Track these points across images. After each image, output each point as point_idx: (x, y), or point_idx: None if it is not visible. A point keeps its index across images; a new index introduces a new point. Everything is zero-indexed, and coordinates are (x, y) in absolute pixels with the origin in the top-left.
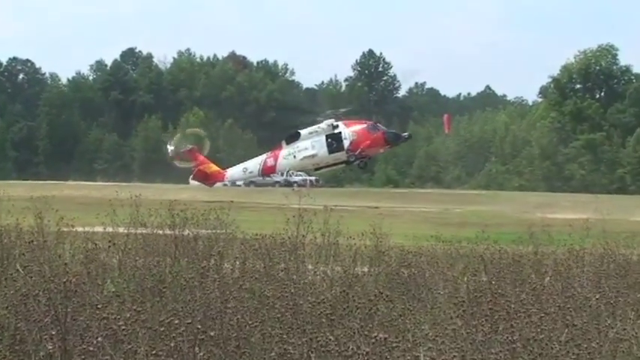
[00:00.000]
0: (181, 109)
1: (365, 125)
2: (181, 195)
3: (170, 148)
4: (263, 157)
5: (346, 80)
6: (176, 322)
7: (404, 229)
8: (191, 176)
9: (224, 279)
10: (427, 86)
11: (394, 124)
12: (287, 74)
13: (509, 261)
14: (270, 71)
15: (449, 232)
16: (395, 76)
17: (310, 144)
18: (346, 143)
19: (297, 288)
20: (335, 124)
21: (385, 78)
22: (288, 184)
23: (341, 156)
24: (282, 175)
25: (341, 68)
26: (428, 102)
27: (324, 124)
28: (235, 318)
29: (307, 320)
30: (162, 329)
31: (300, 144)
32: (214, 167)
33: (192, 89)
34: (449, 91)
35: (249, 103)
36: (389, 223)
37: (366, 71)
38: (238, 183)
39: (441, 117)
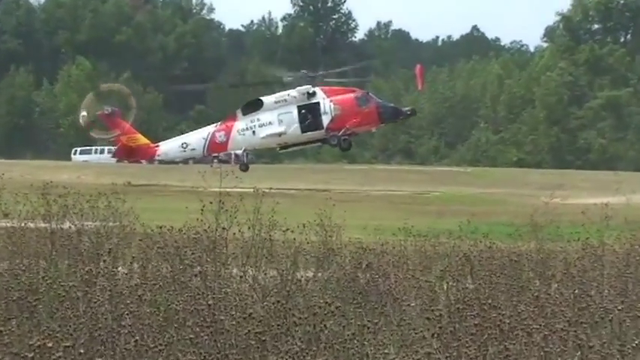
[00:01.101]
0: (60, 58)
1: (353, 95)
2: (60, 175)
3: (83, 113)
4: (209, 129)
5: (284, 19)
6: (51, 345)
7: (362, 218)
8: (112, 151)
9: (117, 287)
10: (393, 27)
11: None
12: (203, 11)
13: (504, 261)
14: (180, 8)
15: (423, 222)
16: (350, 13)
17: (276, 117)
18: (326, 118)
19: (216, 299)
20: (311, 90)
21: (337, 16)
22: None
23: (317, 135)
24: (235, 156)
25: (277, 3)
26: (394, 48)
27: (295, 91)
28: (132, 340)
29: (231, 343)
30: (31, 355)
31: (261, 116)
32: (142, 140)
33: (74, 32)
34: (422, 33)
35: (153, 50)
36: (342, 211)
37: (311, 7)
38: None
39: (412, 68)
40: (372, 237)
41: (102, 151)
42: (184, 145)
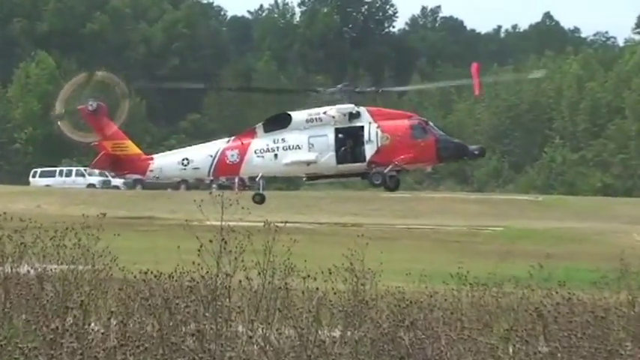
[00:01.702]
0: (15, 54)
1: (408, 122)
2: (16, 204)
3: (59, 104)
4: (219, 144)
5: (302, 4)
6: None
7: (404, 261)
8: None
9: (90, 350)
10: (442, 14)
11: (385, 80)
12: None
13: (587, 318)
14: None
15: (481, 266)
16: None
17: (307, 139)
18: (370, 148)
19: None
20: (355, 110)
21: (370, 0)
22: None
23: (356, 168)
24: (240, 179)
25: None
26: (445, 42)
27: (334, 110)
28: None
29: None
30: None
31: (288, 136)
32: (132, 148)
33: (33, 20)
34: (480, 23)
35: (134, 43)
36: (378, 251)
37: None
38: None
39: (467, 67)
40: (417, 285)
41: (69, 173)
42: (185, 162)
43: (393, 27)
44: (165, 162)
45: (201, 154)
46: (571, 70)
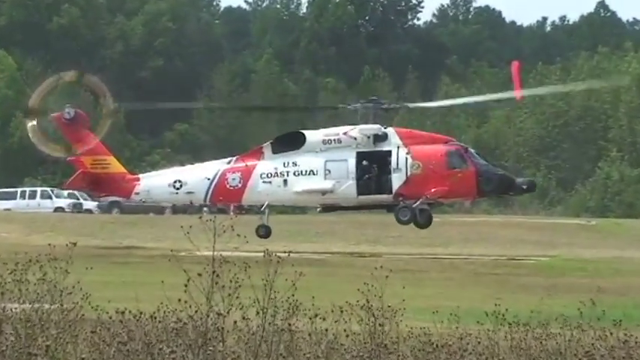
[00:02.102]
0: None
1: (444, 148)
2: None
3: (34, 100)
4: (217, 165)
5: None
6: None
7: (431, 297)
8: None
9: None
10: (476, 4)
11: (407, 81)
12: None
13: None
14: None
15: (523, 303)
16: None
17: (323, 164)
18: (398, 178)
19: None
20: (381, 132)
21: None
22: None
23: (381, 200)
24: (247, 207)
25: None
26: (479, 37)
27: (357, 130)
28: None
29: None
30: None
31: (300, 159)
32: (115, 166)
33: None
34: (521, 14)
35: (110, 40)
36: (400, 286)
37: None
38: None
39: (507, 66)
40: (446, 326)
41: (32, 195)
42: (178, 184)
43: (418, 19)
44: (154, 183)
45: (197, 176)
46: (630, 70)
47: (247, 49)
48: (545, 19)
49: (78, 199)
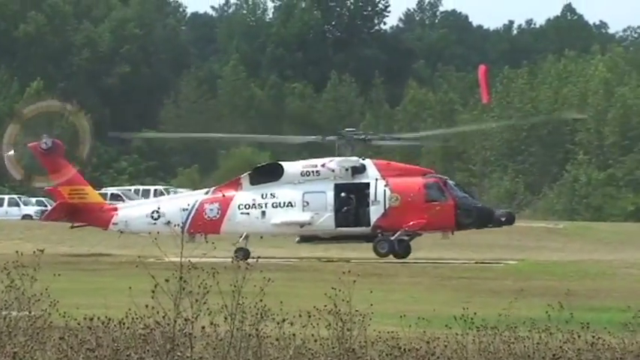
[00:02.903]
0: None
1: (422, 181)
2: None
3: (9, 152)
4: (196, 196)
5: None
6: None
7: (399, 301)
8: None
9: None
10: (443, 8)
11: (374, 85)
12: None
13: None
14: None
15: (491, 307)
16: None
17: (301, 196)
18: (376, 210)
19: None
20: (359, 164)
21: None
22: None
23: (359, 232)
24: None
25: None
26: (446, 41)
27: (335, 163)
28: None
29: None
30: None
31: (278, 191)
32: (94, 195)
33: None
34: (488, 18)
35: (76, 47)
36: (367, 290)
37: None
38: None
39: (474, 70)
40: (414, 330)
41: None
42: (155, 215)
43: (385, 24)
44: (132, 214)
45: (175, 207)
46: (597, 73)
47: (214, 55)
48: (511, 22)
49: (46, 206)
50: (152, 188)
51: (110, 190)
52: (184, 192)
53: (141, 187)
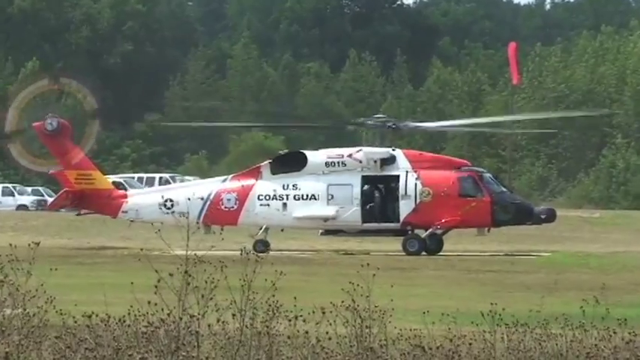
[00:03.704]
0: None
1: (455, 174)
2: None
3: (10, 114)
4: (212, 185)
5: None
6: None
7: (422, 297)
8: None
9: None
10: None
11: (396, 64)
12: None
13: None
14: None
15: (521, 303)
16: None
17: (325, 188)
18: (406, 205)
19: None
20: (389, 154)
21: None
22: None
23: (387, 227)
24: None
25: None
26: (473, 16)
27: (362, 153)
28: None
29: None
30: None
31: (301, 182)
32: (102, 180)
33: None
34: None
35: (74, 25)
36: (388, 284)
37: None
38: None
39: (503, 48)
40: (438, 327)
41: None
42: (169, 203)
43: None
44: (144, 201)
45: (190, 195)
46: (636, 50)
47: (223, 32)
48: None
49: (42, 195)
50: (157, 176)
51: (112, 178)
52: (192, 180)
53: (145, 175)
